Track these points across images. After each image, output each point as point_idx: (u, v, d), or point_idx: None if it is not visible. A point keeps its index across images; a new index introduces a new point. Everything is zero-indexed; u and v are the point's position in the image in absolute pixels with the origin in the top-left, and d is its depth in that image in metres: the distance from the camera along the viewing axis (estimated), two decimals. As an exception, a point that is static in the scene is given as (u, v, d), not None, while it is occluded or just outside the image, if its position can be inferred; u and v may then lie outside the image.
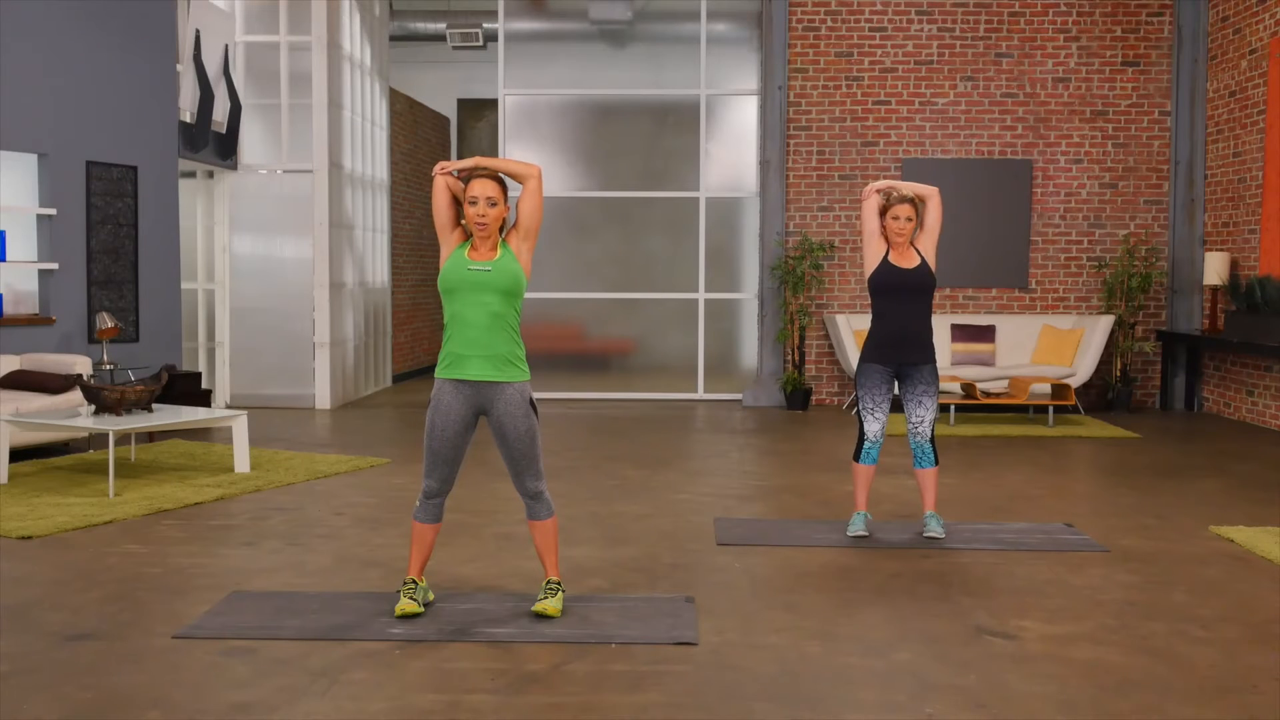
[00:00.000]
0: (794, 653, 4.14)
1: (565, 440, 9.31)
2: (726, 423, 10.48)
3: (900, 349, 5.77)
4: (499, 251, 4.44)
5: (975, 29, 11.71)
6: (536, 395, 5.28)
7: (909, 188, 5.82)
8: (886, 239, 5.80)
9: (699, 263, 12.14)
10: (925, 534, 5.88)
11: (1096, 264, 11.71)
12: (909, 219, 5.72)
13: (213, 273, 11.53)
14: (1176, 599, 4.85)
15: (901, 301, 5.76)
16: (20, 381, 8.21)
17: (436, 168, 4.51)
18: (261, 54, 11.48)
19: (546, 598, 4.50)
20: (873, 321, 5.86)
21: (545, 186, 12.38)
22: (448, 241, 4.49)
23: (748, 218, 12.17)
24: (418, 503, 4.57)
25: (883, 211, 5.77)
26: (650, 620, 4.45)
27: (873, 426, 5.83)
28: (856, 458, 5.89)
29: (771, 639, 4.29)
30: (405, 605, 4.45)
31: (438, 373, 4.47)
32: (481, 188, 4.40)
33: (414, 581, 4.55)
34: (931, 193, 5.81)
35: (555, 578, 4.58)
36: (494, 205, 4.39)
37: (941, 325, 11.28)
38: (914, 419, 5.83)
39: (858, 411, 5.91)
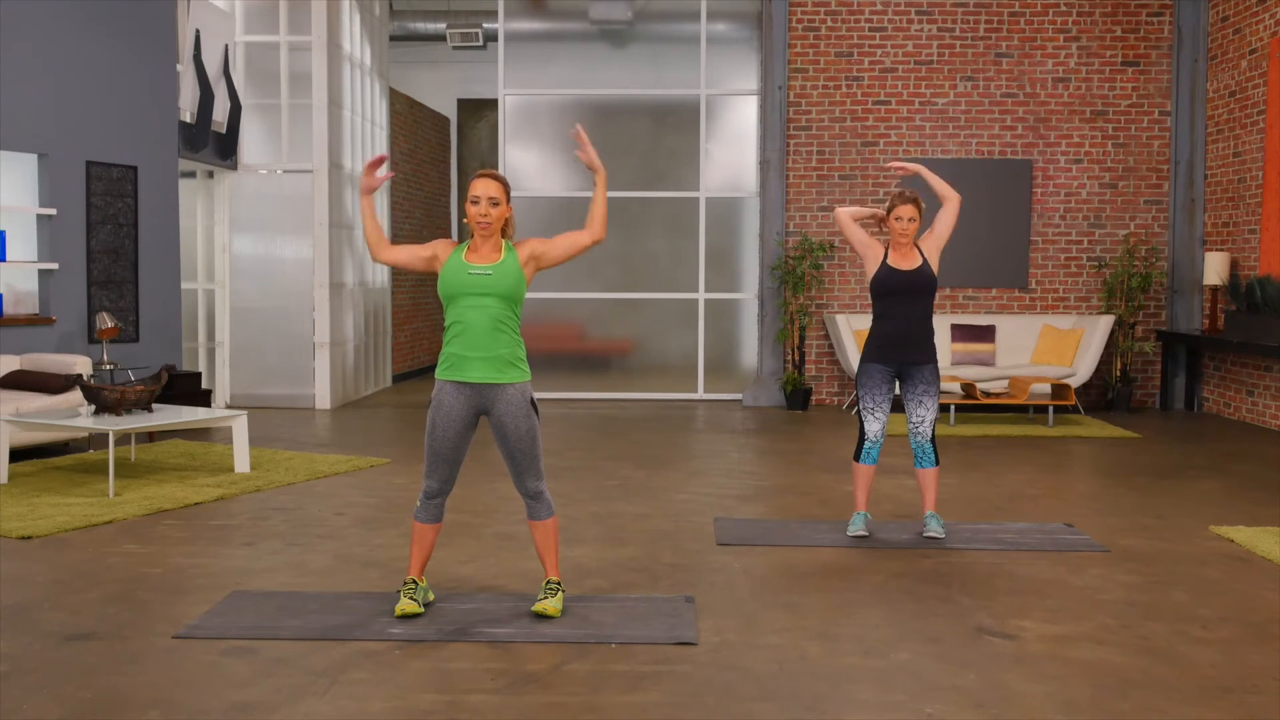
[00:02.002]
0: (794, 653, 4.14)
1: (565, 440, 9.31)
2: (726, 423, 10.48)
3: (901, 349, 5.76)
4: (502, 254, 4.40)
5: (975, 29, 11.71)
6: (537, 395, 5.28)
7: (936, 182, 5.80)
8: (887, 240, 5.82)
9: (699, 263, 12.14)
10: (925, 534, 5.88)
11: (1096, 264, 11.71)
12: (912, 219, 5.71)
13: (213, 273, 11.53)
14: (1176, 599, 4.85)
15: (902, 303, 5.75)
16: (20, 381, 8.21)
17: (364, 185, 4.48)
18: (261, 54, 11.48)
19: (546, 598, 4.50)
20: (874, 322, 5.85)
21: (545, 186, 12.44)
22: (432, 255, 4.45)
23: (748, 218, 12.17)
24: (418, 503, 4.56)
25: (888, 212, 5.76)
26: (650, 620, 4.45)
27: (873, 426, 5.83)
28: (857, 457, 5.89)
29: (771, 639, 4.29)
30: (405, 605, 4.45)
31: (438, 373, 4.45)
32: (484, 187, 4.36)
33: (414, 581, 4.54)
34: (953, 199, 5.79)
35: (555, 578, 4.58)
36: (496, 205, 4.36)
37: (941, 325, 11.28)
38: (915, 419, 5.83)
39: (858, 411, 5.91)
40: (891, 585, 5.04)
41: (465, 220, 4.42)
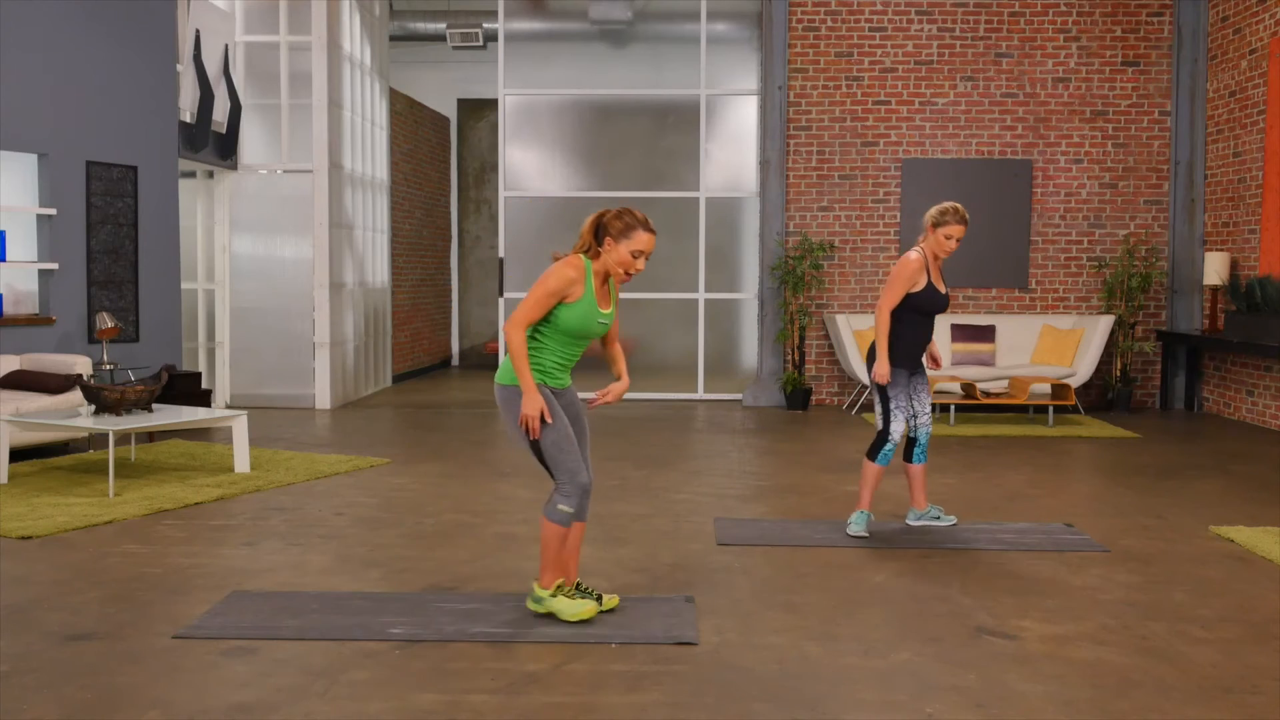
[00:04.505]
0: (794, 653, 4.14)
1: (565, 440, 9.29)
2: (726, 423, 10.48)
3: (919, 356, 5.94)
4: (612, 301, 4.50)
5: (975, 29, 11.71)
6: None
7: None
8: (921, 257, 5.81)
9: (699, 263, 12.14)
10: (941, 523, 6.07)
11: (1096, 264, 11.71)
12: (959, 240, 5.81)
13: (213, 273, 11.53)
14: (1176, 599, 4.85)
15: (933, 319, 5.94)
16: (20, 381, 8.21)
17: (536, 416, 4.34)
18: (261, 54, 11.48)
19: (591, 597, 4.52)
20: (903, 329, 5.84)
21: (545, 186, 12.44)
22: (568, 289, 4.34)
23: (748, 218, 12.17)
24: (570, 507, 4.35)
25: (935, 226, 5.80)
26: (650, 620, 4.45)
27: (901, 427, 5.86)
28: (874, 457, 5.87)
29: (771, 639, 4.29)
30: (587, 608, 4.41)
31: (539, 379, 4.40)
32: (652, 242, 4.37)
33: (582, 587, 4.55)
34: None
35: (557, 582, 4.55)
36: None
37: (942, 325, 11.28)
38: (926, 411, 5.99)
39: (883, 412, 5.86)
40: (891, 585, 5.04)
41: (614, 262, 4.32)
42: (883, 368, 5.78)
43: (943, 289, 5.89)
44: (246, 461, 7.57)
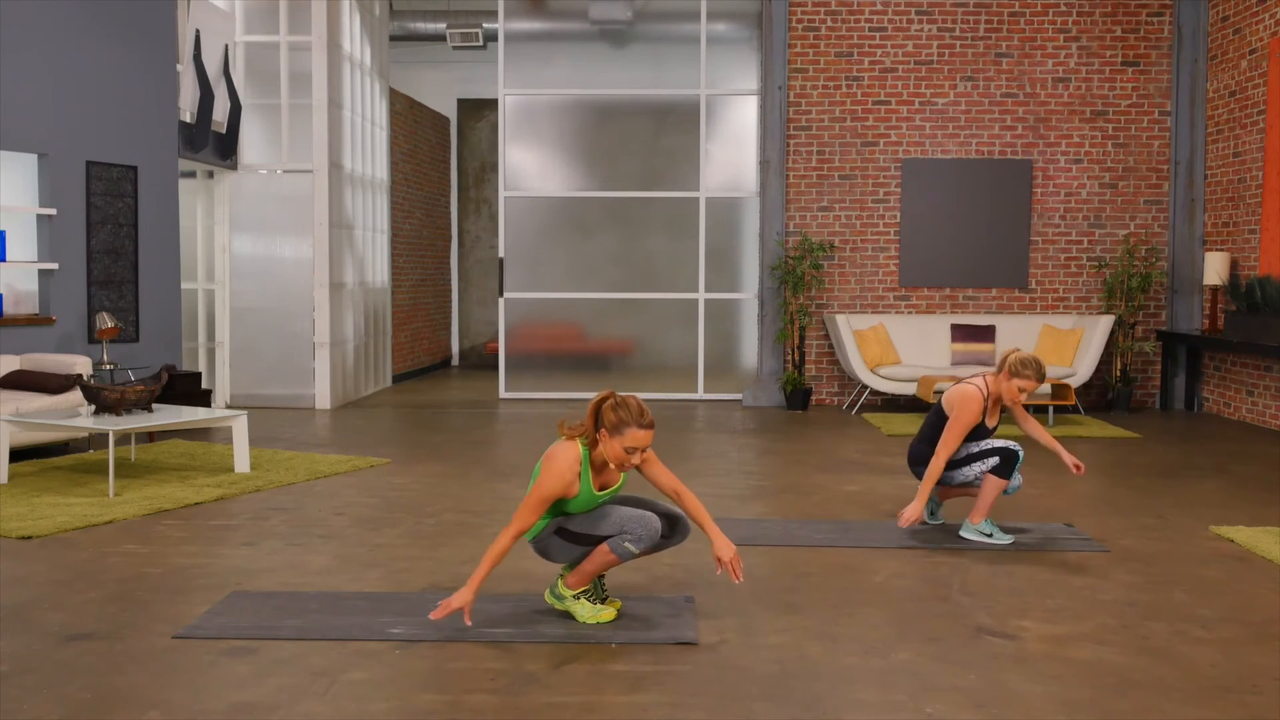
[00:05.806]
0: (794, 653, 4.14)
1: (565, 440, 9.29)
2: (726, 423, 10.48)
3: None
4: (621, 478, 4.44)
5: (975, 29, 11.71)
6: (536, 395, 5.23)
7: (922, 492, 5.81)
8: (984, 394, 5.76)
9: (699, 263, 12.14)
10: (932, 522, 6.16)
11: (1096, 264, 11.72)
12: (1029, 395, 5.76)
13: (213, 273, 11.53)
14: (1176, 599, 4.85)
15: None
16: (20, 381, 8.21)
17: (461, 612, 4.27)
18: (261, 54, 11.48)
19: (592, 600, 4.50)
20: (960, 436, 5.73)
21: (544, 187, 12.43)
22: (566, 489, 4.29)
23: (748, 218, 12.17)
24: (637, 548, 4.32)
25: (1012, 374, 5.69)
26: (650, 620, 4.46)
27: (1008, 443, 5.80)
28: (1007, 475, 5.75)
29: (771, 639, 4.29)
30: (606, 614, 4.41)
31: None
32: (648, 438, 4.25)
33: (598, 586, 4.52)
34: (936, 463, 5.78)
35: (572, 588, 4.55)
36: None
37: (941, 325, 11.30)
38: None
39: (990, 452, 5.77)
40: (891, 585, 5.04)
41: (609, 455, 4.27)
42: (914, 514, 5.70)
43: (993, 423, 5.84)
44: (246, 461, 7.57)
